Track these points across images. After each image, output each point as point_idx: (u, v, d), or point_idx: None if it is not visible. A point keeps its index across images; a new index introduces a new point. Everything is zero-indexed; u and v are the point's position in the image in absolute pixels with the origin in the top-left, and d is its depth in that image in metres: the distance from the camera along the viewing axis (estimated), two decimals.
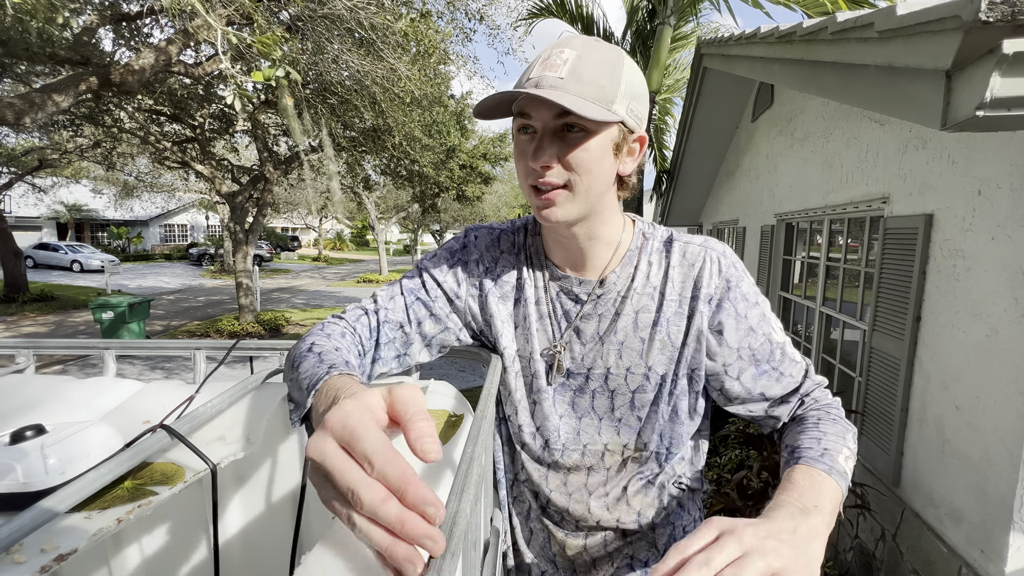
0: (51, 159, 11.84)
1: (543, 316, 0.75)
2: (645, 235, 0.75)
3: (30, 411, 0.71)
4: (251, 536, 0.79)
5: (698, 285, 0.70)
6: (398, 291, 0.76)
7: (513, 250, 0.79)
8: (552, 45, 0.64)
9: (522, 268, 0.77)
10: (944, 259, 1.94)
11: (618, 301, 0.72)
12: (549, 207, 0.64)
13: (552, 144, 0.62)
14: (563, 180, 0.63)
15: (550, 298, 0.75)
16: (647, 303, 0.71)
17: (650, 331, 0.71)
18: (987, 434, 1.67)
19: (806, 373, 0.72)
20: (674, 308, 0.70)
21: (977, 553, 1.68)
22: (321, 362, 0.55)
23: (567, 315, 0.74)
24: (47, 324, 9.65)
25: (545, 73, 0.60)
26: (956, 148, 1.89)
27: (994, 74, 0.93)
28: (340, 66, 5.42)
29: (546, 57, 0.61)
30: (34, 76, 6.01)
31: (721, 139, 5.74)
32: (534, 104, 0.61)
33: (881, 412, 2.30)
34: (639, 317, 0.71)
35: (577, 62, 0.60)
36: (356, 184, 11.83)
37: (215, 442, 0.66)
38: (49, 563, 0.40)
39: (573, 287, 0.74)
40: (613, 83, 0.61)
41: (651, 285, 0.72)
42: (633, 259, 0.73)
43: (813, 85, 1.96)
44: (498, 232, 0.81)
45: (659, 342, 0.70)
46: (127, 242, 27.07)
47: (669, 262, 0.72)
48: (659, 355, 0.70)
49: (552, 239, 0.74)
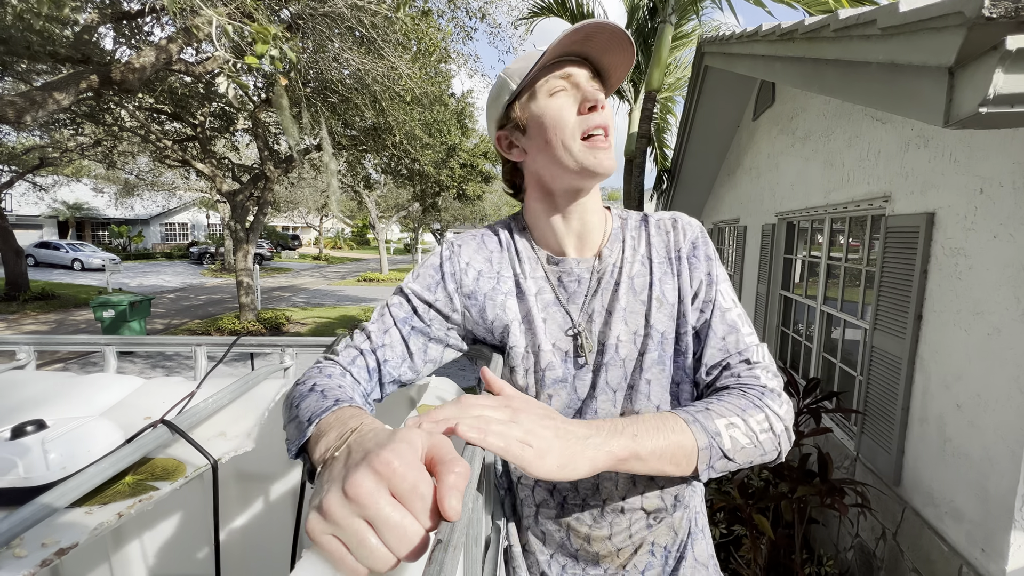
0: (52, 157, 11.84)
1: (548, 305, 0.76)
2: (622, 217, 0.82)
3: (31, 407, 0.71)
4: (252, 530, 0.79)
5: (677, 247, 0.76)
6: (391, 323, 0.74)
7: (500, 248, 0.80)
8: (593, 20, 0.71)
9: (515, 264, 0.78)
10: (946, 258, 1.94)
11: (616, 272, 0.76)
12: (608, 150, 0.70)
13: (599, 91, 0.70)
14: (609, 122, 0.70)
15: (552, 286, 0.77)
16: (640, 269, 0.76)
17: (648, 293, 0.75)
18: (988, 433, 1.67)
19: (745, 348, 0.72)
20: (663, 268, 0.76)
21: (978, 552, 1.68)
22: (324, 398, 0.54)
23: (573, 298, 0.76)
24: (48, 322, 9.66)
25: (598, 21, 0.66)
26: (958, 146, 1.88)
27: (997, 70, 0.93)
28: (341, 64, 5.42)
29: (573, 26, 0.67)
30: (35, 75, 6.01)
31: (722, 138, 5.73)
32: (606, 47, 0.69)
33: (882, 411, 2.30)
34: (635, 282, 0.75)
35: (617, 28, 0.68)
36: (357, 183, 11.82)
37: (216, 438, 0.66)
38: (50, 557, 0.40)
39: (573, 268, 0.77)
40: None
41: (639, 253, 0.77)
42: (619, 236, 0.79)
43: (815, 83, 1.96)
44: (480, 235, 0.82)
45: (656, 300, 0.74)
46: (128, 241, 27.08)
47: (649, 232, 0.79)
48: (658, 313, 0.74)
49: (558, 223, 0.76)
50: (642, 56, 6.67)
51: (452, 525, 0.32)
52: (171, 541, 0.82)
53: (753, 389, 0.67)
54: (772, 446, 0.64)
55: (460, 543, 0.31)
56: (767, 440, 0.63)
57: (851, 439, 2.61)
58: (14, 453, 0.55)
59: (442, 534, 0.31)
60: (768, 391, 0.67)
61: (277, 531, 0.77)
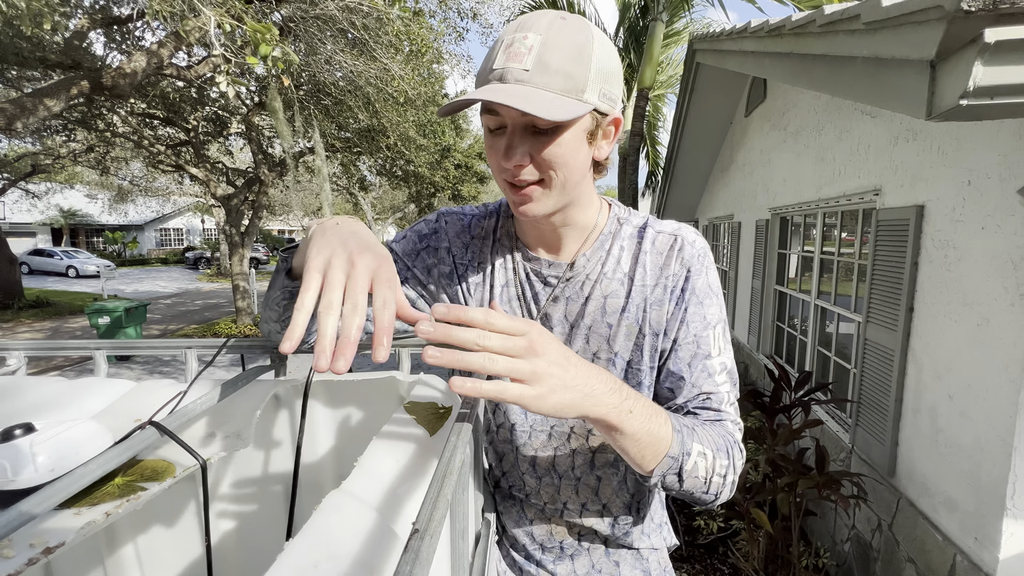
0: (44, 164, 11.78)
1: (511, 299, 0.75)
2: (620, 220, 0.73)
3: (21, 411, 0.71)
4: (244, 530, 0.79)
5: (667, 272, 0.69)
6: None
7: (482, 235, 0.78)
8: (515, 26, 0.58)
9: (494, 253, 0.76)
10: (935, 250, 1.95)
11: (587, 285, 0.71)
12: (525, 203, 0.63)
13: (523, 141, 0.59)
14: (537, 177, 0.61)
15: (519, 280, 0.74)
16: (616, 288, 0.70)
17: (618, 316, 0.69)
18: (979, 423, 1.69)
19: (716, 400, 0.67)
20: (643, 295, 0.69)
21: (971, 541, 1.69)
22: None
23: (536, 298, 0.73)
24: (44, 330, 9.61)
25: (509, 65, 0.56)
26: (946, 139, 1.90)
27: (976, 63, 0.94)
28: (333, 67, 5.41)
29: (509, 43, 0.57)
30: (26, 81, 5.98)
31: (715, 134, 5.75)
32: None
33: (876, 403, 2.32)
34: (608, 302, 0.70)
35: (542, 50, 0.55)
36: (352, 185, 11.81)
37: (206, 438, 0.66)
38: (36, 556, 0.40)
39: (543, 269, 0.73)
40: (583, 69, 0.57)
41: (621, 270, 0.70)
42: (605, 243, 0.72)
43: (803, 78, 1.97)
44: (469, 218, 0.80)
45: (626, 328, 0.69)
46: (123, 247, 26.96)
47: (641, 248, 0.70)
48: (625, 341, 0.69)
49: (525, 223, 0.73)
50: (634, 54, 6.69)
51: (429, 515, 0.33)
52: (165, 541, 0.82)
53: (728, 436, 0.64)
54: (715, 491, 0.61)
55: (437, 532, 0.32)
56: (716, 484, 0.61)
57: (846, 432, 2.63)
58: (2, 456, 0.55)
59: (419, 523, 0.32)
60: (735, 444, 0.64)
61: (269, 529, 0.77)
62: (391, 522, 0.42)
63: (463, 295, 0.76)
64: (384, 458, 0.52)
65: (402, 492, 0.47)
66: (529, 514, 0.80)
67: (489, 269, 0.76)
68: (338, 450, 0.84)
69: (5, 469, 0.55)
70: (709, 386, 0.67)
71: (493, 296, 0.75)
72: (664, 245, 0.70)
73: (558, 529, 0.79)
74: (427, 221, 0.80)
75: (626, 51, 6.80)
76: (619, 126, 0.65)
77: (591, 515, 0.77)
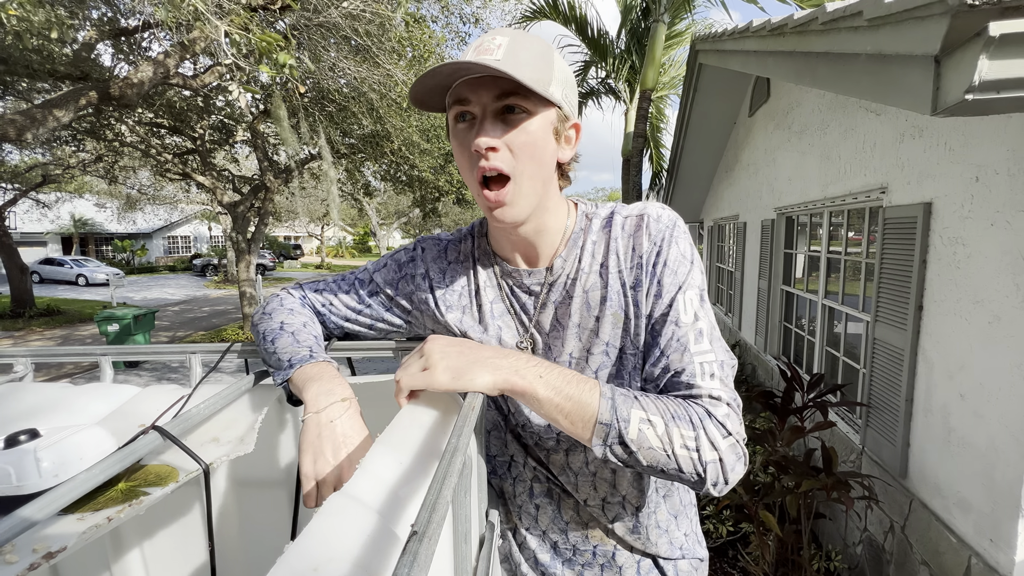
0: (54, 174, 11.95)
1: (503, 314, 0.75)
2: (588, 216, 0.74)
3: (27, 417, 0.71)
4: (249, 534, 0.79)
5: (639, 252, 0.69)
6: (353, 285, 0.83)
7: (460, 259, 0.79)
8: (482, 36, 0.63)
9: (473, 274, 0.77)
10: (944, 247, 1.93)
11: (568, 284, 0.72)
12: (500, 207, 0.63)
13: (495, 126, 0.61)
14: (508, 166, 0.62)
15: (505, 295, 0.75)
16: (595, 281, 0.70)
17: (600, 308, 0.70)
18: (992, 422, 1.66)
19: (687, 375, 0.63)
20: (621, 278, 0.69)
21: (986, 542, 1.66)
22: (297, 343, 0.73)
23: (525, 308, 0.74)
24: (54, 338, 9.71)
25: (481, 57, 0.59)
26: (952, 135, 1.88)
27: (982, 57, 0.93)
28: (337, 73, 5.46)
29: (478, 45, 0.61)
30: (36, 93, 6.08)
31: (719, 135, 5.73)
32: (472, 86, 0.60)
33: (886, 403, 2.29)
34: (589, 296, 0.70)
35: (511, 45, 0.60)
36: (357, 191, 11.88)
37: (209, 443, 0.66)
38: (38, 561, 0.40)
39: (524, 279, 0.74)
40: (547, 66, 0.62)
41: (596, 263, 0.71)
42: (578, 241, 0.72)
43: (807, 76, 1.96)
44: (446, 243, 0.82)
45: (611, 317, 0.69)
46: (131, 255, 27.25)
47: (610, 235, 0.71)
48: (613, 330, 0.69)
49: (501, 235, 0.74)
50: (636, 56, 6.69)
51: (428, 517, 0.32)
52: (170, 546, 0.82)
53: (697, 407, 0.61)
54: (690, 467, 0.58)
55: (436, 536, 0.32)
56: (684, 457, 0.58)
57: (856, 432, 2.60)
58: (7, 462, 0.55)
59: (418, 526, 0.31)
60: (710, 417, 0.60)
61: (273, 533, 0.77)
62: (392, 524, 0.42)
63: (444, 318, 0.77)
64: (386, 460, 0.52)
65: (404, 494, 0.47)
66: (543, 520, 0.79)
67: (473, 289, 0.77)
68: None
69: (9, 474, 0.55)
70: (680, 362, 0.64)
71: (483, 314, 0.75)
72: (632, 227, 0.70)
73: (574, 534, 0.78)
74: (406, 250, 0.84)
75: (628, 53, 6.81)
76: (579, 132, 0.70)
77: (609, 515, 0.76)
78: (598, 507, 0.76)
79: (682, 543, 0.80)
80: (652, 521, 0.77)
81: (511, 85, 0.59)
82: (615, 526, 0.77)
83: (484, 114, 0.61)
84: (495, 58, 0.58)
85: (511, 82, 0.58)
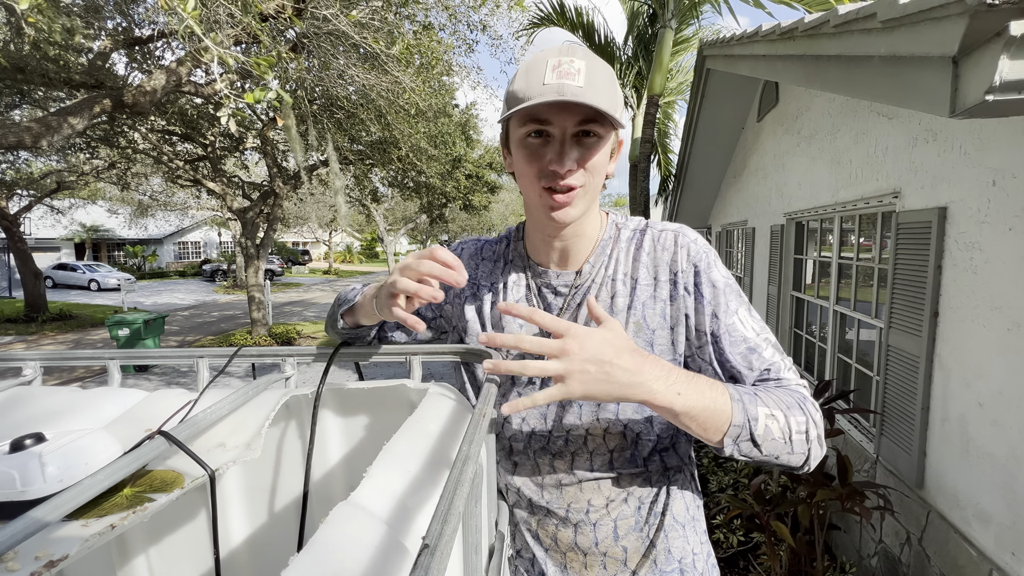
0: (68, 181, 12.14)
1: None
2: (618, 226, 0.79)
3: (34, 421, 0.71)
4: (255, 541, 0.78)
5: (673, 270, 0.73)
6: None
7: (494, 258, 0.85)
8: (556, 51, 0.66)
9: (505, 274, 0.82)
10: (960, 252, 1.89)
11: (594, 289, 0.75)
12: (565, 207, 0.68)
13: (573, 149, 0.66)
14: (579, 182, 0.67)
15: (533, 295, 0.79)
16: (620, 288, 0.74)
17: (625, 315, 0.73)
18: (1012, 431, 1.61)
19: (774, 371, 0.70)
20: (649, 292, 0.73)
21: (1008, 556, 1.61)
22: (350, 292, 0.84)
23: (550, 309, 0.77)
24: (66, 342, 9.83)
25: (564, 81, 0.63)
26: (968, 139, 1.85)
27: (1002, 57, 0.91)
28: (346, 81, 5.51)
29: (556, 64, 0.64)
30: (51, 101, 6.19)
31: (727, 140, 5.71)
32: (555, 109, 0.64)
33: (901, 411, 2.24)
34: (614, 302, 0.74)
35: (589, 72, 0.64)
36: (364, 196, 11.95)
37: (215, 448, 0.65)
38: (39, 569, 0.39)
39: (552, 280, 0.78)
40: (616, 92, 0.67)
41: (623, 271, 0.75)
42: (607, 248, 0.77)
43: (817, 80, 1.94)
44: (482, 243, 0.88)
45: (633, 325, 0.72)
46: (142, 260, 27.57)
47: (642, 248, 0.76)
48: (634, 338, 0.72)
49: (539, 239, 0.78)
50: (644, 62, 6.70)
51: (440, 529, 0.31)
52: (177, 553, 0.81)
53: (795, 394, 0.67)
54: (802, 449, 0.64)
55: (448, 548, 0.30)
56: (799, 442, 0.63)
57: (870, 441, 2.55)
58: (12, 467, 0.54)
59: (429, 538, 0.30)
60: (806, 401, 0.67)
61: (280, 541, 0.76)
62: (401, 536, 0.41)
63: (474, 311, 0.82)
64: (394, 468, 0.50)
65: (412, 504, 0.45)
66: (550, 525, 0.77)
67: (501, 286, 0.81)
68: (349, 459, 0.83)
69: (14, 479, 0.54)
70: (761, 363, 0.70)
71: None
72: (668, 242, 0.75)
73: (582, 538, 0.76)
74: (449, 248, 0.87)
75: (635, 59, 6.81)
76: (621, 146, 0.75)
77: (614, 517, 0.75)
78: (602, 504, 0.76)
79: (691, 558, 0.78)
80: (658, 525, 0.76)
81: (592, 113, 0.64)
82: (620, 531, 0.75)
83: (564, 137, 0.66)
84: (577, 84, 0.62)
85: (592, 109, 0.63)
